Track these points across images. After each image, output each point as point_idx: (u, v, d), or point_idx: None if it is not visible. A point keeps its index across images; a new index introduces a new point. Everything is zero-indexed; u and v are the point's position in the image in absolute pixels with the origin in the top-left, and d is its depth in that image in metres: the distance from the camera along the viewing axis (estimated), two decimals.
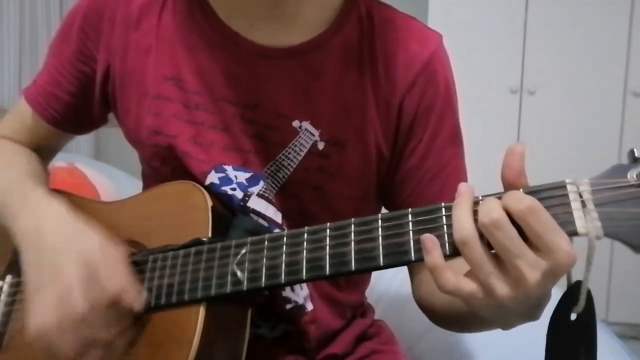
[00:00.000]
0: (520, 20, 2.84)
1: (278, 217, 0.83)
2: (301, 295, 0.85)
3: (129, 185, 1.91)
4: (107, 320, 0.69)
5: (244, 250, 0.70)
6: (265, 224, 0.82)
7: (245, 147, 0.82)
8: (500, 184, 0.59)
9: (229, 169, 0.82)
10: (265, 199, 0.82)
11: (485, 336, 0.81)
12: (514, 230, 0.54)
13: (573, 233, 0.55)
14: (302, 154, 0.81)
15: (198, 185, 0.80)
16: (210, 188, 0.81)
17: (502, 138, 2.84)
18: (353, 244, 0.63)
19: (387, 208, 0.89)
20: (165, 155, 0.84)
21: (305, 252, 0.66)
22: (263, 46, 0.82)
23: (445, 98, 0.85)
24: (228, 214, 0.81)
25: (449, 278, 0.57)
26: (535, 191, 0.56)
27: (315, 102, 0.82)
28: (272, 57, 0.82)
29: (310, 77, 0.82)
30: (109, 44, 0.87)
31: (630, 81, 2.79)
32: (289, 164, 0.81)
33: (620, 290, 2.82)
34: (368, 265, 0.62)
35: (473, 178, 0.82)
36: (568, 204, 0.55)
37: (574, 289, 0.57)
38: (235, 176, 0.82)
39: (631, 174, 0.54)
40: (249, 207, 0.81)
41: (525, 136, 2.87)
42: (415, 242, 0.60)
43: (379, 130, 0.83)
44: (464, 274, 0.58)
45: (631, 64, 2.78)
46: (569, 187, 0.56)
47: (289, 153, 0.81)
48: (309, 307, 0.86)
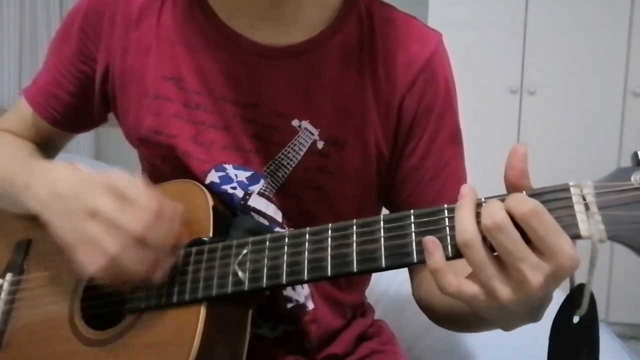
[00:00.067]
0: (520, 20, 2.83)
1: (279, 216, 0.83)
2: (302, 294, 0.85)
3: None
4: (162, 229, 0.69)
5: (245, 251, 0.70)
6: (266, 222, 0.82)
7: (246, 147, 0.82)
8: (501, 184, 0.59)
9: (229, 167, 0.82)
10: (266, 198, 0.82)
11: (485, 336, 0.80)
12: (516, 233, 0.54)
13: (576, 236, 0.54)
14: (302, 153, 0.81)
15: (199, 184, 0.79)
16: (211, 187, 0.81)
17: (502, 138, 2.84)
18: (355, 245, 0.63)
19: (388, 208, 0.89)
20: (165, 154, 0.84)
21: (306, 253, 0.66)
22: (263, 46, 0.82)
23: (445, 98, 0.85)
24: (229, 214, 0.81)
25: (450, 280, 0.57)
26: (538, 194, 0.56)
27: (315, 102, 0.82)
28: (272, 57, 0.82)
29: (310, 77, 0.82)
30: (109, 44, 0.87)
31: (630, 81, 2.79)
32: (288, 163, 0.81)
33: (621, 291, 2.82)
34: (370, 266, 0.62)
35: (473, 178, 0.82)
36: (571, 207, 0.55)
37: (577, 292, 0.57)
38: (236, 175, 0.82)
39: (635, 177, 0.54)
40: (249, 206, 0.81)
41: (525, 136, 2.87)
42: (417, 244, 0.60)
43: (378, 130, 0.83)
44: (465, 276, 0.58)
45: (631, 64, 2.78)
46: (572, 190, 0.56)
47: (288, 152, 0.81)
48: (310, 306, 0.86)
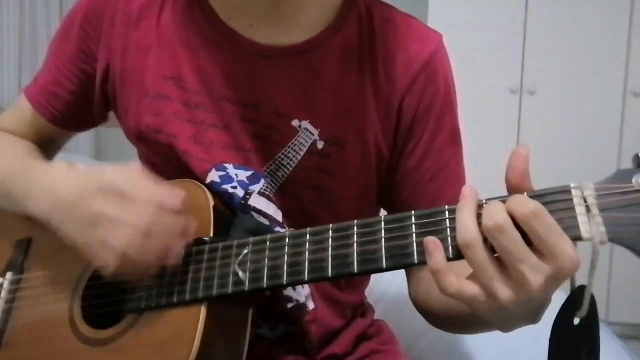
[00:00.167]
0: (520, 20, 2.83)
1: (279, 216, 0.83)
2: (302, 294, 0.85)
3: None
4: (165, 219, 0.69)
5: (246, 251, 0.70)
6: (267, 222, 0.82)
7: (246, 146, 0.82)
8: (502, 184, 0.59)
9: (230, 167, 0.82)
10: (267, 198, 0.82)
11: (485, 336, 0.80)
12: (518, 235, 0.54)
13: (577, 238, 0.54)
14: (302, 154, 0.81)
15: (200, 184, 0.79)
16: (211, 186, 0.81)
17: (502, 138, 2.84)
18: (356, 245, 0.63)
19: (387, 208, 0.89)
20: (166, 154, 0.84)
21: (307, 254, 0.66)
22: (263, 45, 0.82)
23: (445, 98, 0.85)
24: (229, 214, 0.81)
25: (451, 281, 0.57)
26: (539, 195, 0.56)
27: (315, 102, 0.82)
28: (272, 57, 0.82)
29: (310, 77, 0.82)
30: (109, 43, 0.87)
31: (630, 81, 2.79)
32: (288, 163, 0.81)
33: (621, 291, 2.82)
34: (370, 267, 0.62)
35: (473, 178, 0.82)
36: (572, 209, 0.55)
37: (578, 293, 0.57)
38: (236, 174, 0.82)
39: (636, 179, 0.54)
40: (250, 206, 0.81)
41: (525, 136, 2.87)
42: (418, 245, 0.60)
43: (378, 130, 0.83)
44: (466, 277, 0.58)
45: (631, 64, 2.78)
46: (573, 192, 0.56)
47: (288, 152, 0.81)
48: (310, 306, 0.86)
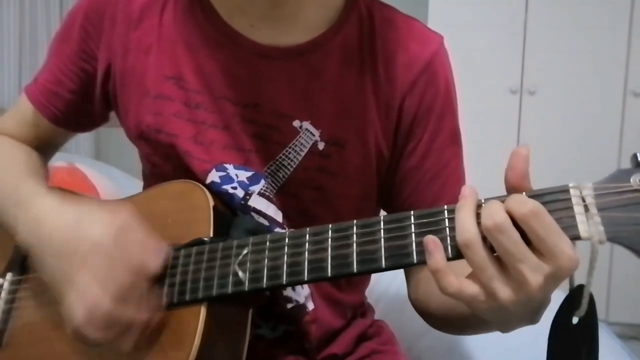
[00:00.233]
0: (520, 20, 2.84)
1: (279, 216, 0.83)
2: (302, 294, 0.85)
3: (129, 185, 1.91)
4: (134, 301, 0.68)
5: (245, 251, 0.70)
6: (266, 223, 0.82)
7: (246, 146, 0.82)
8: (502, 184, 0.59)
9: (230, 167, 0.82)
10: (266, 198, 0.82)
11: (485, 337, 0.80)
12: (517, 234, 0.54)
13: (576, 237, 0.55)
14: (303, 154, 0.81)
15: (199, 184, 0.79)
16: (211, 187, 0.81)
17: (502, 138, 2.84)
18: (355, 245, 0.63)
19: (387, 208, 0.89)
20: (166, 153, 0.84)
21: (307, 253, 0.66)
22: (263, 45, 0.82)
23: (446, 99, 0.85)
24: (229, 214, 0.81)
25: (451, 281, 0.57)
26: (538, 195, 0.56)
27: (316, 102, 0.82)
28: (273, 57, 0.82)
29: (310, 77, 0.82)
30: (110, 43, 0.87)
31: (630, 81, 2.79)
32: (289, 164, 0.81)
33: (620, 291, 2.82)
34: (370, 267, 0.62)
35: (473, 178, 0.82)
36: (571, 208, 0.55)
37: (576, 292, 0.57)
38: (236, 175, 0.82)
39: (634, 179, 0.54)
40: (249, 206, 0.81)
41: (525, 136, 2.87)
42: (417, 245, 0.60)
43: (379, 130, 0.83)
44: (465, 276, 0.58)
45: (631, 64, 2.78)
46: (572, 192, 0.56)
47: (289, 153, 0.81)
48: (310, 307, 0.86)
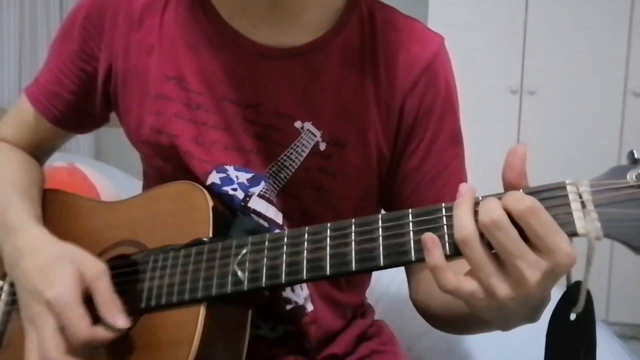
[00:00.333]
0: (520, 20, 2.84)
1: (279, 218, 0.83)
2: (301, 295, 0.85)
3: (129, 185, 1.91)
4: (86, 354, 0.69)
5: (244, 251, 0.70)
6: (266, 224, 0.82)
7: (247, 147, 0.82)
8: (501, 184, 0.59)
9: (230, 169, 0.82)
10: (266, 200, 0.82)
11: (485, 336, 0.81)
12: (514, 231, 0.54)
13: (573, 234, 0.55)
14: (304, 155, 0.81)
15: (199, 185, 0.80)
16: (212, 188, 0.81)
17: (502, 138, 2.84)
18: (353, 244, 0.63)
19: (387, 209, 0.89)
20: (166, 154, 0.84)
21: (305, 253, 0.66)
22: (264, 46, 0.82)
23: (446, 99, 0.85)
24: (229, 214, 0.81)
25: (449, 278, 0.57)
26: (535, 192, 0.57)
27: (316, 103, 0.82)
28: (274, 57, 0.82)
29: (311, 78, 0.82)
30: (111, 43, 0.87)
31: (630, 81, 2.79)
32: (290, 165, 0.81)
33: (620, 291, 2.82)
34: (368, 265, 0.62)
35: (473, 178, 0.82)
36: (568, 205, 0.55)
37: (574, 289, 0.57)
38: (237, 176, 0.82)
39: (630, 175, 0.54)
40: (249, 208, 0.81)
41: (525, 136, 2.87)
42: (415, 242, 0.60)
43: (379, 131, 0.83)
44: (464, 274, 0.58)
45: (631, 64, 2.78)
46: (569, 188, 0.56)
47: (290, 154, 0.81)
48: (309, 308, 0.86)
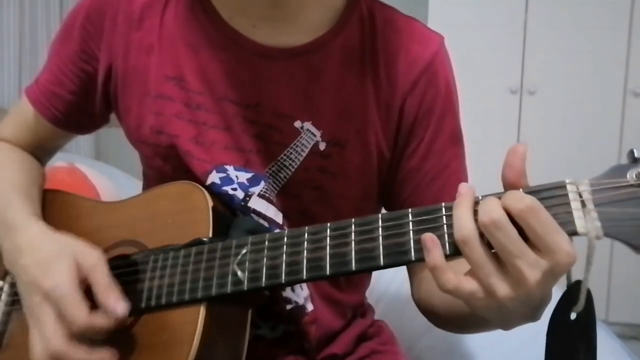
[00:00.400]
0: (520, 20, 2.84)
1: (279, 218, 0.83)
2: (301, 295, 0.85)
3: (129, 185, 1.91)
4: (90, 344, 0.69)
5: (244, 250, 0.70)
6: (266, 224, 0.82)
7: (247, 147, 0.82)
8: (501, 184, 0.59)
9: (230, 169, 0.82)
10: (266, 199, 0.82)
11: (485, 336, 0.81)
12: (514, 230, 0.54)
13: (573, 233, 0.55)
14: (304, 154, 0.81)
15: (199, 185, 0.79)
16: (212, 188, 0.81)
17: (502, 138, 2.84)
18: (353, 244, 0.63)
19: (387, 209, 0.89)
20: (166, 154, 0.84)
21: (305, 252, 0.66)
22: (264, 46, 0.82)
23: (446, 99, 0.85)
24: (229, 214, 0.81)
25: (449, 278, 0.57)
26: (535, 191, 0.57)
27: (316, 103, 0.82)
28: (274, 57, 0.82)
29: (311, 78, 0.82)
30: (111, 43, 0.87)
31: (630, 81, 2.79)
32: (290, 164, 0.81)
33: (621, 291, 2.82)
34: (368, 265, 0.62)
35: (473, 178, 0.82)
36: (568, 204, 0.55)
37: (574, 288, 0.57)
38: (237, 176, 0.82)
39: (630, 174, 0.54)
40: (249, 207, 0.81)
41: (525, 136, 2.87)
42: (415, 242, 0.60)
43: (379, 131, 0.83)
44: (464, 273, 0.58)
45: (631, 64, 2.78)
46: (568, 187, 0.56)
47: (290, 153, 0.81)
48: (309, 308, 0.86)
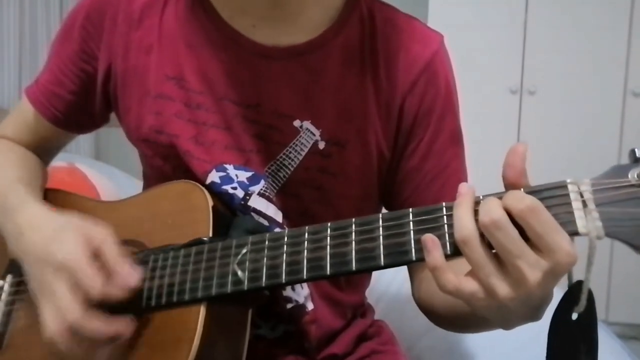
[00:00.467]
0: (520, 20, 2.84)
1: (279, 217, 0.83)
2: (302, 294, 0.85)
3: (129, 185, 1.91)
4: (93, 324, 0.68)
5: (244, 250, 0.70)
6: (266, 223, 0.82)
7: (247, 147, 0.82)
8: (501, 184, 0.59)
9: (230, 168, 0.82)
10: (266, 198, 0.82)
11: (485, 336, 0.81)
12: (514, 231, 0.54)
13: (574, 233, 0.55)
14: (303, 154, 0.81)
15: (199, 184, 0.79)
16: (211, 187, 0.81)
17: (502, 138, 2.84)
18: (354, 243, 0.63)
19: (387, 209, 0.89)
20: (166, 154, 0.84)
21: (306, 252, 0.66)
22: (264, 46, 0.82)
23: (446, 99, 0.85)
24: (229, 214, 0.81)
25: (449, 278, 0.57)
26: (536, 191, 0.56)
27: (316, 102, 0.82)
28: (274, 57, 0.82)
29: (311, 77, 0.82)
30: (111, 43, 0.87)
31: (630, 81, 2.79)
32: (289, 164, 0.81)
33: (621, 291, 2.82)
34: (369, 265, 0.62)
35: (473, 178, 0.82)
36: (569, 204, 0.55)
37: (575, 288, 0.57)
38: (236, 175, 0.82)
39: (632, 174, 0.54)
40: (249, 206, 0.81)
41: (525, 136, 2.87)
42: (416, 242, 0.60)
43: (379, 131, 0.83)
44: (464, 274, 0.58)
45: (631, 64, 2.78)
46: (569, 187, 0.56)
47: (289, 152, 0.81)
48: (310, 307, 0.86)
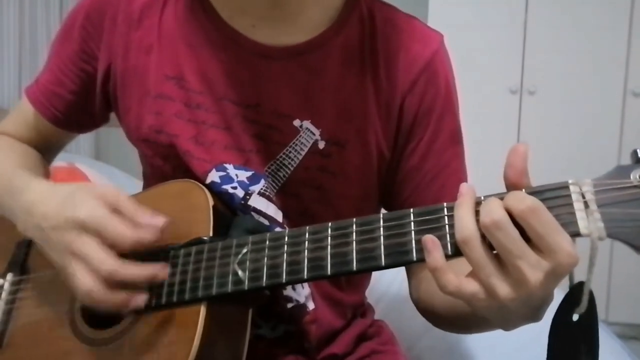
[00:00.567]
0: (520, 20, 2.84)
1: (279, 216, 0.83)
2: (302, 294, 0.85)
3: (129, 185, 1.91)
4: (129, 270, 0.68)
5: (245, 250, 0.70)
6: (266, 222, 0.82)
7: (247, 147, 0.82)
8: (501, 184, 0.59)
9: (230, 167, 0.82)
10: (266, 198, 0.82)
11: (485, 336, 0.80)
12: (515, 231, 0.54)
13: (575, 234, 0.54)
14: (303, 153, 0.81)
15: (199, 183, 0.79)
16: (211, 187, 0.81)
17: (502, 138, 2.84)
18: (354, 243, 0.63)
19: (387, 209, 0.89)
20: (166, 153, 0.84)
21: (306, 252, 0.66)
22: (264, 45, 0.82)
23: (446, 99, 0.85)
24: (229, 213, 0.81)
25: (450, 279, 0.57)
26: (537, 191, 0.56)
27: (316, 102, 0.82)
28: (273, 57, 0.82)
29: (311, 77, 0.82)
30: (111, 43, 0.87)
31: (630, 81, 2.79)
32: (289, 163, 0.81)
33: (621, 291, 2.82)
34: (369, 265, 0.62)
35: (473, 178, 0.82)
36: (571, 205, 0.55)
37: (576, 289, 0.57)
38: (236, 175, 0.82)
39: (634, 175, 0.54)
40: (249, 206, 0.81)
41: (525, 136, 2.87)
42: (416, 242, 0.60)
43: (379, 130, 0.83)
44: (465, 275, 0.58)
45: (631, 64, 2.78)
46: (571, 188, 0.56)
47: (289, 152, 0.81)
48: (310, 307, 0.86)
